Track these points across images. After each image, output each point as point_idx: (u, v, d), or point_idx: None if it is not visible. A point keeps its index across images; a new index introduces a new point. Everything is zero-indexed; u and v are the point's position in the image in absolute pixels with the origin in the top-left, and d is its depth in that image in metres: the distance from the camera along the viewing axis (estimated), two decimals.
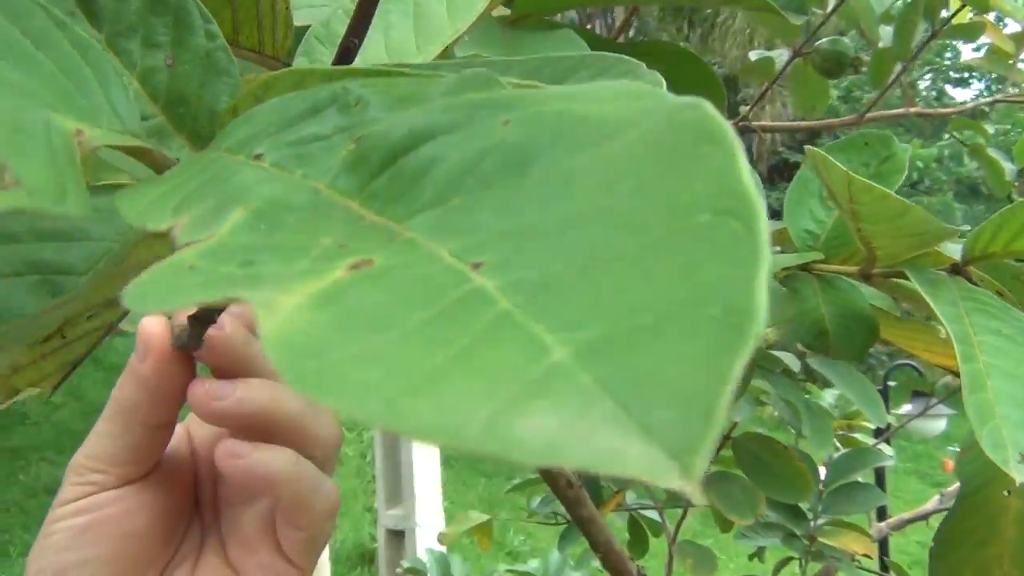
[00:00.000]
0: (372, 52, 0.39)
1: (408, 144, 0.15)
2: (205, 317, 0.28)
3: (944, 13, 1.52)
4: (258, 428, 0.30)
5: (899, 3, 1.55)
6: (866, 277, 0.53)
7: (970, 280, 0.47)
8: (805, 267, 0.56)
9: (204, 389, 0.29)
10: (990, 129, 1.75)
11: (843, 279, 0.55)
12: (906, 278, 0.48)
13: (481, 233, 0.13)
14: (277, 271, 0.13)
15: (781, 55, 1.54)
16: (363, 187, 0.16)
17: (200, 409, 0.30)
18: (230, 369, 0.30)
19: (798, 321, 0.54)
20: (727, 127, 0.12)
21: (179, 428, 0.35)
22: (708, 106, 0.12)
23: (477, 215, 0.13)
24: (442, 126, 0.15)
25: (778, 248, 0.62)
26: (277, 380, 0.30)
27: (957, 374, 0.39)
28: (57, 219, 0.26)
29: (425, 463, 2.74)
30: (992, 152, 1.60)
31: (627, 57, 0.23)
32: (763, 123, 1.52)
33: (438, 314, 0.11)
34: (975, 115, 1.81)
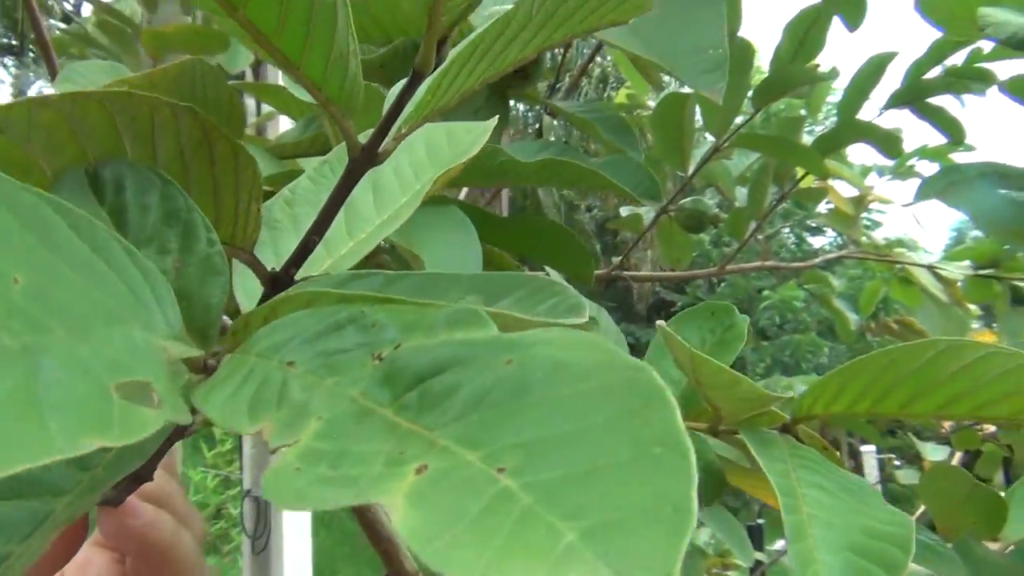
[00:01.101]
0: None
1: (434, 370, 0.21)
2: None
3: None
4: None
5: (756, 166, 1.71)
6: (714, 432, 0.60)
7: (798, 438, 0.55)
8: None
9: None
10: (836, 281, 1.92)
11: (696, 434, 0.63)
12: None
13: (499, 444, 0.19)
14: (361, 473, 0.18)
15: (649, 211, 1.67)
16: (395, 399, 0.21)
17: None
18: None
19: None
20: (666, 389, 0.18)
21: None
22: (651, 372, 0.19)
23: (494, 430, 0.19)
24: (461, 359, 0.21)
25: None
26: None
27: None
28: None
29: None
30: (837, 303, 1.76)
31: (555, 281, 0.29)
32: (633, 273, 1.64)
33: (485, 508, 0.17)
34: (832, 263, 1.98)
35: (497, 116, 0.52)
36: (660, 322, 0.55)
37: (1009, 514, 0.64)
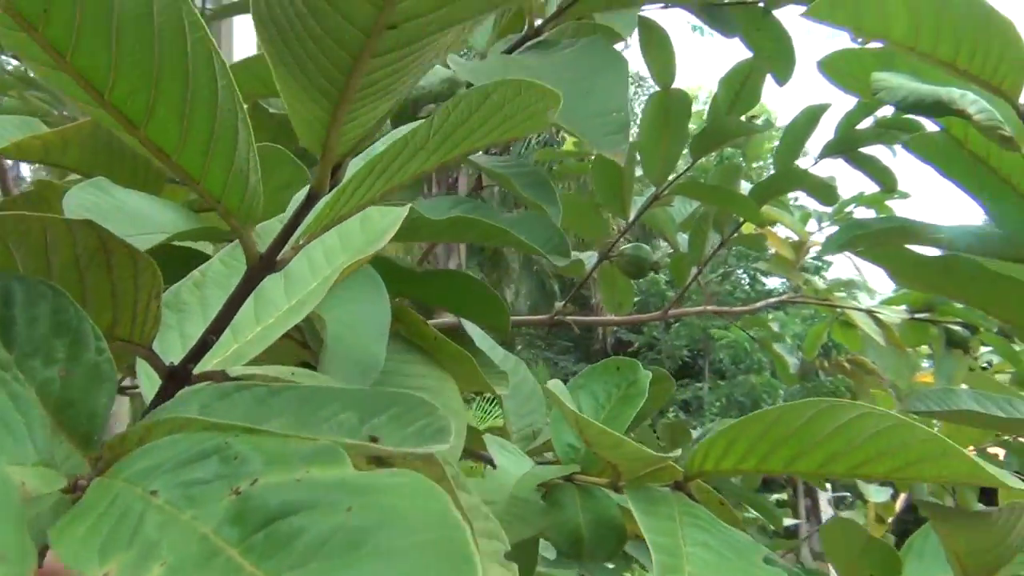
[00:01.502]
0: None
1: (283, 511, 0.22)
2: None
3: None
4: None
5: (697, 213, 1.74)
6: (615, 487, 0.62)
7: (690, 494, 0.56)
8: (568, 478, 0.65)
9: None
10: (776, 326, 1.96)
11: (599, 489, 0.64)
12: None
13: None
14: None
15: (591, 257, 1.70)
16: (243, 539, 0.22)
17: None
18: None
19: (556, 530, 0.62)
20: (474, 556, 0.19)
21: None
22: (467, 535, 0.20)
23: None
24: (308, 503, 0.22)
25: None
26: None
27: None
28: None
29: None
30: (777, 348, 1.79)
31: (428, 401, 0.31)
32: (575, 317, 1.65)
33: None
34: (785, 304, 2.01)
35: (408, 206, 0.53)
36: (549, 384, 0.57)
37: (904, 567, 0.65)
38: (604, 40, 0.66)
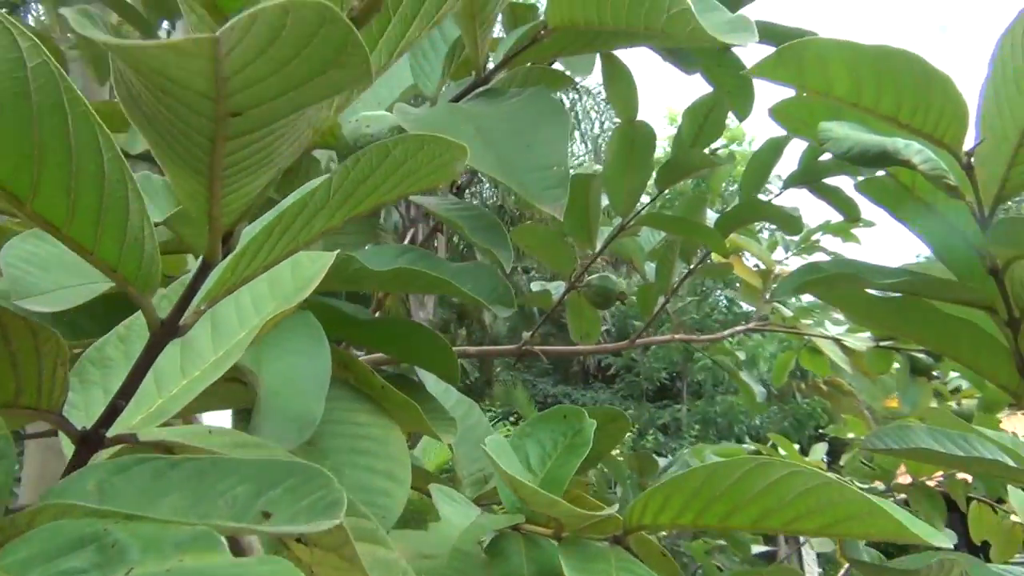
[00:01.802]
0: None
1: None
2: None
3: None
4: None
5: (664, 243, 1.74)
6: (558, 538, 0.61)
7: (628, 548, 0.56)
8: (515, 527, 0.64)
9: None
10: (742, 355, 1.96)
11: (544, 539, 0.63)
12: None
13: None
14: None
15: (559, 286, 1.69)
16: None
17: None
18: None
19: None
20: None
21: None
22: None
23: None
24: None
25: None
26: None
27: None
28: None
29: None
30: (743, 376, 1.79)
31: (324, 472, 0.30)
32: (542, 347, 1.65)
33: None
34: (756, 331, 2.01)
35: (336, 252, 0.53)
36: (487, 441, 0.57)
37: None
38: (547, 91, 0.66)
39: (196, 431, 0.43)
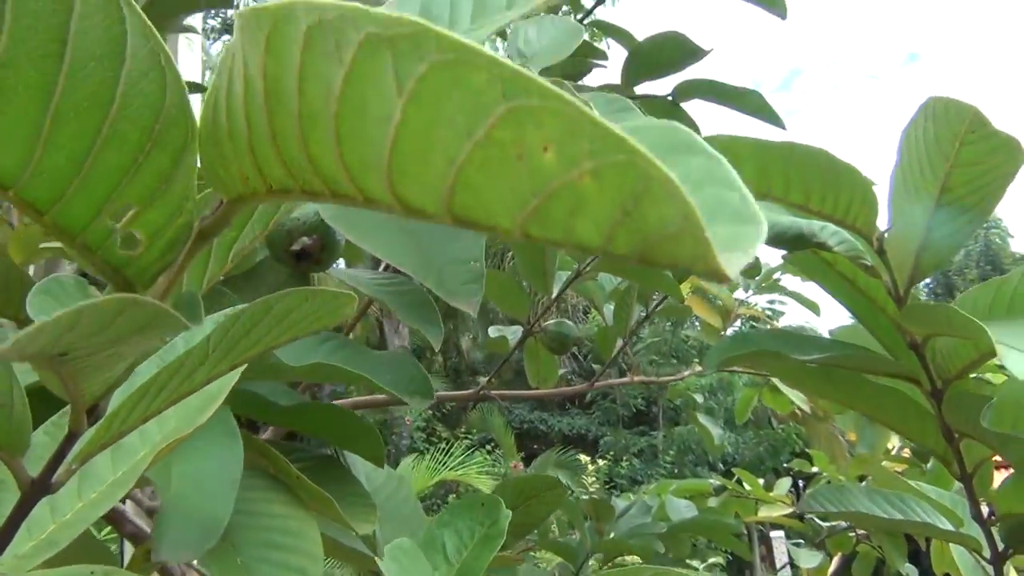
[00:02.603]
0: None
1: None
2: None
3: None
4: None
5: (622, 287, 1.75)
6: None
7: None
8: None
9: None
10: (699, 397, 1.97)
11: None
12: None
13: None
14: None
15: (516, 332, 1.70)
16: None
17: None
18: None
19: None
20: None
21: None
22: None
23: None
24: None
25: None
26: None
27: None
28: None
29: None
30: (701, 419, 1.80)
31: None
32: (502, 392, 1.65)
33: None
34: (720, 371, 2.02)
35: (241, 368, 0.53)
36: (386, 550, 0.57)
37: None
38: None
39: (78, 571, 0.43)
